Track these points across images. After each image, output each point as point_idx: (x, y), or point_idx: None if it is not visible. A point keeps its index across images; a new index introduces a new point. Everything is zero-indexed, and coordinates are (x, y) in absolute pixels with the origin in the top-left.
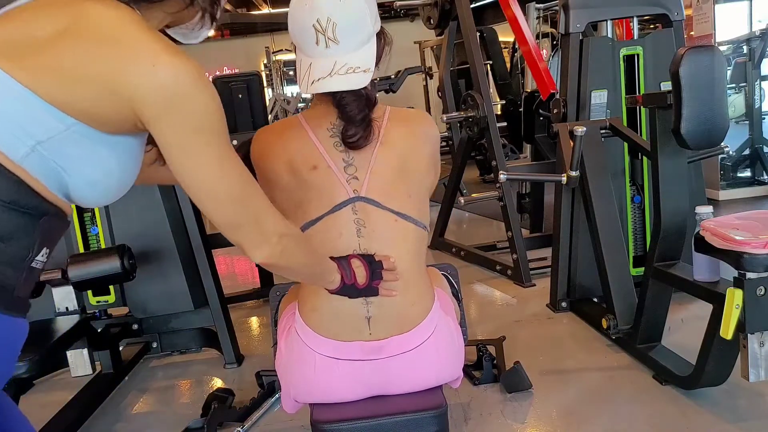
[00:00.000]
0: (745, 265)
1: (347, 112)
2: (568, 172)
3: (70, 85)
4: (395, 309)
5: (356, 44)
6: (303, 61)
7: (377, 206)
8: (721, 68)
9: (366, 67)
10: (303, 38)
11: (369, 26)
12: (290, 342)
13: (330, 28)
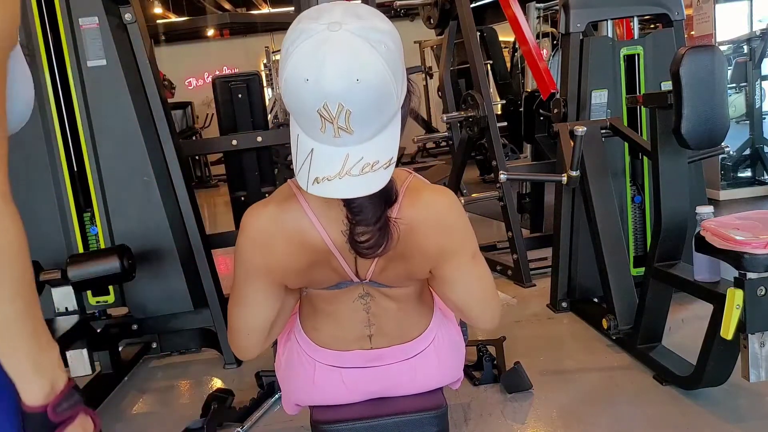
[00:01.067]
0: (745, 265)
1: (359, 220)
2: (568, 172)
3: None
4: (396, 327)
5: (376, 130)
6: (301, 140)
7: (382, 286)
8: (722, 68)
9: (387, 158)
10: (303, 119)
11: (394, 104)
12: (290, 348)
13: (342, 117)
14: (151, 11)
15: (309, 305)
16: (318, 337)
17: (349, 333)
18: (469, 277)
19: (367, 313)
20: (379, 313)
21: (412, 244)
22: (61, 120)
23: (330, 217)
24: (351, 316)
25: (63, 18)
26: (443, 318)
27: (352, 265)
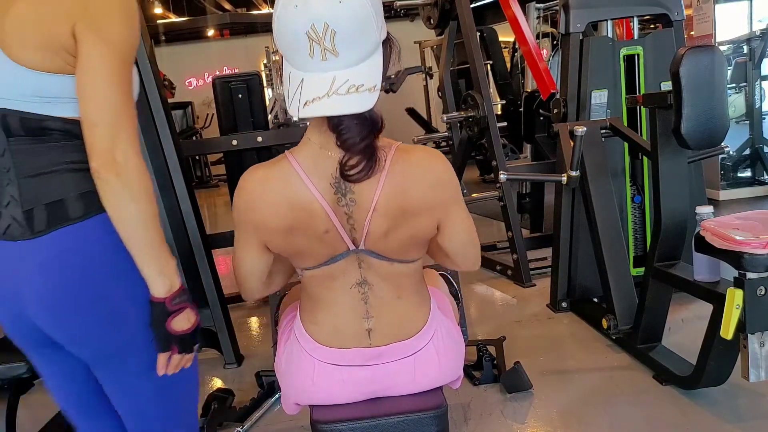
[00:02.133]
0: (745, 265)
1: (347, 140)
2: (568, 172)
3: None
4: (394, 321)
5: (359, 56)
6: (293, 75)
7: (377, 257)
8: (722, 68)
9: (371, 84)
10: (293, 48)
11: (374, 33)
12: (290, 347)
13: (328, 37)
14: (151, 11)
15: (308, 300)
16: (318, 333)
17: (347, 326)
18: (464, 223)
19: (366, 303)
20: (378, 305)
21: (414, 199)
22: None
23: (319, 171)
24: (349, 307)
25: None
26: (442, 316)
27: (344, 223)
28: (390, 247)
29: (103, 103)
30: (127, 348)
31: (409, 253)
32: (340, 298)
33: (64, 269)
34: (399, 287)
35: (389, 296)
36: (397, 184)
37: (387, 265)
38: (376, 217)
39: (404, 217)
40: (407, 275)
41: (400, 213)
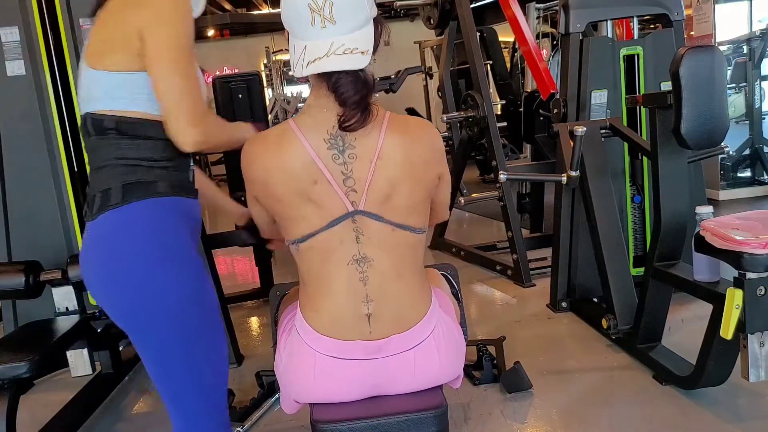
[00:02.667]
0: (745, 265)
1: (343, 94)
2: (568, 172)
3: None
4: (395, 306)
5: (353, 26)
6: (297, 45)
7: (376, 219)
8: (721, 68)
9: (364, 48)
10: (297, 20)
11: (366, 8)
12: (290, 342)
13: (326, 7)
14: None
15: (306, 286)
16: (318, 322)
17: (347, 312)
18: (449, 183)
19: (365, 285)
20: (377, 284)
21: (421, 151)
22: (62, 120)
23: (314, 130)
24: (348, 288)
25: (63, 18)
26: (443, 312)
27: (340, 181)
28: (392, 206)
29: (167, 88)
30: (165, 326)
31: (411, 216)
32: (338, 276)
33: (110, 247)
34: (399, 263)
35: (389, 273)
36: (400, 136)
37: (387, 231)
38: (380, 166)
39: (411, 166)
40: (407, 248)
41: (406, 162)
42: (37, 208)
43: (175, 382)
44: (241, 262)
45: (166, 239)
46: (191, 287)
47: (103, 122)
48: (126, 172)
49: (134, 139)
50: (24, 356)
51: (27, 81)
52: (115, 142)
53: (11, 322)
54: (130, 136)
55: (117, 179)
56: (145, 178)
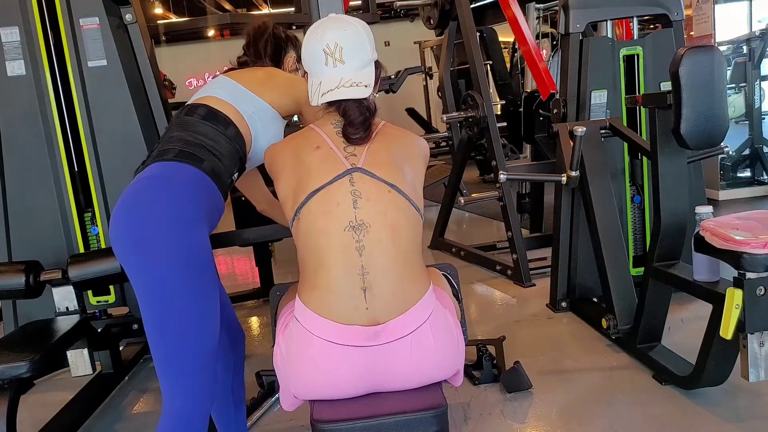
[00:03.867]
0: (744, 265)
1: (350, 116)
2: (568, 172)
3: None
4: (391, 281)
5: (358, 66)
6: (314, 81)
7: (372, 176)
8: (721, 68)
9: (367, 83)
10: (315, 61)
11: (368, 52)
12: (289, 332)
13: (337, 51)
14: (151, 11)
15: (304, 262)
16: (316, 300)
17: (344, 286)
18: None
19: (360, 255)
20: (372, 254)
21: (408, 147)
22: (62, 120)
23: (326, 123)
24: (344, 256)
25: (64, 18)
26: (441, 306)
27: (341, 149)
28: (388, 170)
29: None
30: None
31: (407, 187)
32: (334, 245)
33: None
34: (396, 229)
35: (385, 241)
36: (393, 130)
37: (384, 192)
38: (377, 139)
39: (402, 153)
40: (403, 215)
41: (398, 148)
42: (37, 208)
43: (162, 340)
44: (241, 262)
45: (194, 198)
46: (195, 245)
47: (196, 108)
48: (189, 142)
49: (209, 126)
50: (24, 356)
51: (27, 81)
52: (197, 122)
53: (11, 322)
54: (210, 122)
55: (178, 143)
56: (197, 153)
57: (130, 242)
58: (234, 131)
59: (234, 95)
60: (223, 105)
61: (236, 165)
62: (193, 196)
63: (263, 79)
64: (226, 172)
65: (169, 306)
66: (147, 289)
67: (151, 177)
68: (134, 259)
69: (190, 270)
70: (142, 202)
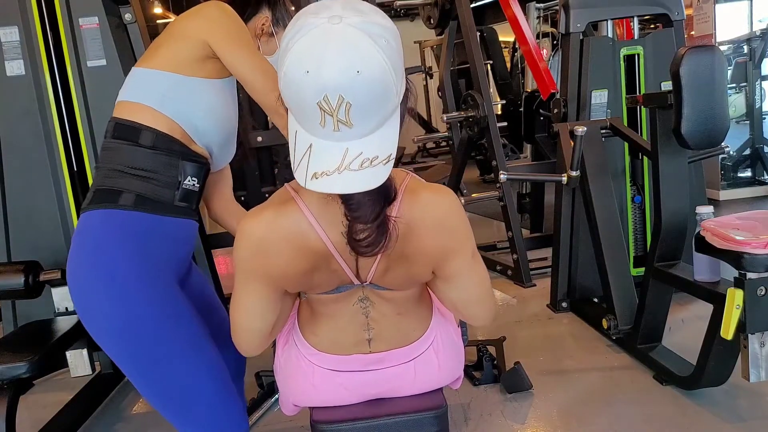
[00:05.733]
0: (745, 265)
1: (357, 216)
2: (568, 172)
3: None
4: (395, 332)
5: (375, 125)
6: (300, 136)
7: (379, 288)
8: (722, 68)
9: (386, 154)
10: (302, 113)
11: (394, 99)
12: (288, 351)
13: (342, 109)
14: (151, 11)
15: (308, 309)
16: (317, 342)
17: (348, 337)
18: (470, 276)
19: (367, 317)
20: (378, 318)
21: (414, 245)
22: (61, 120)
23: (329, 219)
24: (350, 319)
25: (63, 18)
26: (442, 319)
27: (353, 266)
28: (390, 283)
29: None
30: (106, 342)
31: (410, 287)
32: (341, 311)
33: (72, 248)
34: (400, 305)
35: (390, 312)
36: (402, 231)
37: (389, 293)
38: (382, 262)
39: (402, 260)
40: (408, 298)
41: (400, 257)
42: (36, 208)
43: (156, 403)
44: None
45: (101, 257)
46: (124, 317)
47: (108, 125)
48: (104, 175)
49: (121, 144)
50: (24, 356)
51: (27, 81)
52: (108, 144)
53: (11, 322)
54: (121, 139)
55: (96, 182)
56: (113, 185)
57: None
58: (151, 135)
59: (135, 87)
60: (129, 108)
61: (186, 171)
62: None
63: (158, 40)
64: (166, 188)
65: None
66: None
67: (75, 234)
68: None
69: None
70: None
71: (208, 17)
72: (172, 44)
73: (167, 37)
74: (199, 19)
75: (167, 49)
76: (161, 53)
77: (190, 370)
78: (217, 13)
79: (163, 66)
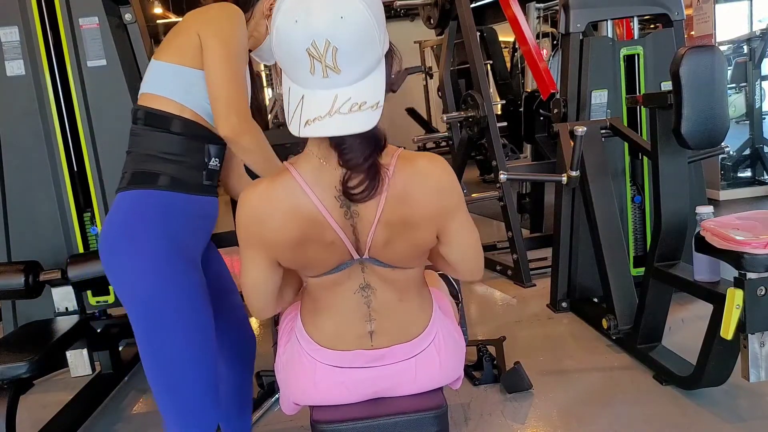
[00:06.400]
0: (745, 265)
1: (349, 160)
2: (568, 172)
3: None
4: (397, 324)
5: (362, 72)
6: (293, 91)
7: (379, 264)
8: (722, 68)
9: (375, 101)
10: (293, 63)
11: (377, 48)
12: (290, 348)
13: (329, 54)
14: (151, 11)
15: (310, 302)
16: (319, 337)
17: (349, 329)
18: (467, 232)
19: (368, 307)
20: (380, 308)
21: (415, 209)
22: (61, 120)
23: (323, 185)
24: (351, 309)
25: (63, 18)
26: (443, 316)
27: (350, 236)
28: (392, 256)
29: (219, 83)
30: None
31: (411, 261)
32: (342, 301)
33: (105, 225)
34: (401, 291)
35: (391, 299)
36: (399, 195)
37: (389, 271)
38: (379, 229)
39: (405, 228)
40: (409, 279)
41: (401, 224)
42: (37, 208)
43: (148, 369)
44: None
45: (135, 232)
46: (150, 286)
47: (137, 112)
48: (140, 160)
49: (153, 131)
50: (24, 356)
51: (27, 81)
52: (138, 131)
53: (11, 322)
54: (153, 126)
55: (130, 165)
56: (150, 169)
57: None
58: (180, 123)
59: (156, 80)
60: (156, 100)
61: (210, 153)
62: (134, 231)
63: (175, 30)
64: (196, 170)
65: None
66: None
67: (109, 217)
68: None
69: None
70: (101, 250)
71: (207, 13)
72: (179, 38)
73: (185, 30)
74: (201, 13)
75: (184, 42)
76: (174, 46)
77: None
78: (217, 12)
79: (178, 60)
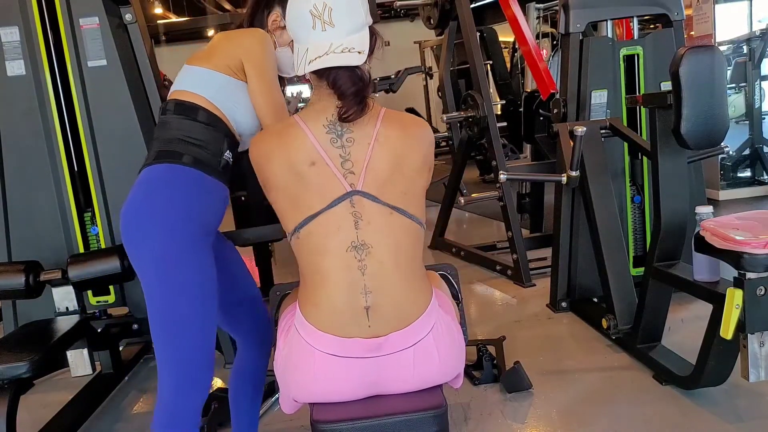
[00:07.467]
0: (745, 265)
1: (341, 87)
2: (568, 172)
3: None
4: (393, 300)
5: (350, 29)
6: (300, 47)
7: (373, 200)
8: (721, 68)
9: (360, 48)
10: (300, 25)
11: (362, 15)
12: (290, 340)
13: (326, 13)
14: (151, 11)
15: (305, 279)
16: (317, 317)
17: (346, 304)
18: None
19: (363, 274)
20: (375, 273)
21: (412, 146)
22: (62, 120)
23: (313, 119)
24: (346, 278)
25: (63, 18)
26: (442, 311)
27: (338, 163)
28: (390, 189)
29: (264, 109)
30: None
31: (408, 203)
32: (336, 265)
33: (131, 194)
34: (398, 251)
35: (388, 262)
36: (395, 127)
37: (385, 214)
38: (377, 149)
39: (406, 156)
40: (406, 234)
41: (402, 150)
42: (37, 208)
43: (156, 335)
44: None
45: (159, 198)
46: (171, 251)
47: (166, 105)
48: (166, 141)
49: (181, 118)
50: (24, 356)
51: (27, 81)
52: (167, 119)
53: (11, 322)
54: (182, 115)
55: (156, 146)
56: (175, 148)
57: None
58: (206, 115)
59: (190, 80)
60: (187, 95)
61: (226, 146)
62: (156, 200)
63: (211, 46)
64: (214, 157)
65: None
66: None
67: (134, 188)
68: (133, 263)
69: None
70: (124, 215)
71: (243, 42)
72: (223, 52)
73: (220, 47)
74: (245, 41)
75: (219, 56)
76: (216, 57)
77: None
78: (251, 42)
79: (216, 67)
